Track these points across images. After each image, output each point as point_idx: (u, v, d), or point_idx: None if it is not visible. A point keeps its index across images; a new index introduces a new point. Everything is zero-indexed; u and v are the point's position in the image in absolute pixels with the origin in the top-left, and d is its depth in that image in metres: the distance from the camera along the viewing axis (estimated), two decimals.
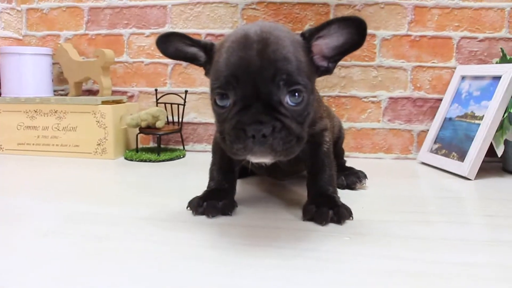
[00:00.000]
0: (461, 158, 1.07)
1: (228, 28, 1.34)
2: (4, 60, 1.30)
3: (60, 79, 1.45)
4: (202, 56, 0.68)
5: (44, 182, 0.95)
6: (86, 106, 1.22)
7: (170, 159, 1.23)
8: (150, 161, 1.20)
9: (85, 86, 1.43)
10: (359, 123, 1.32)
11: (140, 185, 0.95)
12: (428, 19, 1.27)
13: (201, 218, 0.70)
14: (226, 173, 0.77)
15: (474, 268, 0.52)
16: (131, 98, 1.42)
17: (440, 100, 1.27)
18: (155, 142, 1.41)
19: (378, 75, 1.30)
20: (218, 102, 0.60)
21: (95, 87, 1.44)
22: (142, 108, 1.40)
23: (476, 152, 1.02)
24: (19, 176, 1.03)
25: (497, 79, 1.08)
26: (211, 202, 0.71)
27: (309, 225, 0.67)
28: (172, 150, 1.31)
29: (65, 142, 1.25)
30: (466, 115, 1.14)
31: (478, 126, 1.06)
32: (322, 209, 0.67)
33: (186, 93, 1.33)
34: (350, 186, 0.91)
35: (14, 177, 1.01)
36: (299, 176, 0.97)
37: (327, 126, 0.77)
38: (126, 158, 1.23)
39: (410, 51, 1.28)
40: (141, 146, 1.36)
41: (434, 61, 1.28)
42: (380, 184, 0.96)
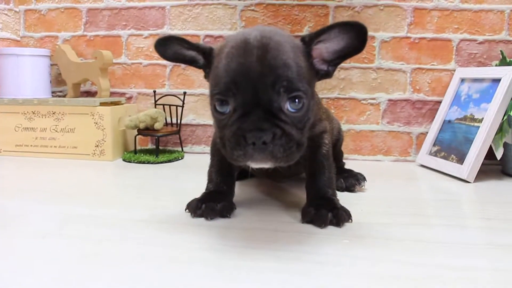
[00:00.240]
0: (460, 160, 1.07)
1: (226, 29, 1.34)
2: (2, 61, 1.30)
3: (58, 81, 1.44)
4: (200, 59, 0.68)
5: (42, 184, 0.94)
6: (84, 108, 1.22)
7: (169, 161, 1.22)
8: (149, 162, 1.19)
9: (83, 88, 1.43)
10: (358, 125, 1.32)
11: (138, 187, 0.94)
12: (427, 21, 1.27)
13: (199, 221, 0.69)
14: (224, 175, 0.77)
15: (473, 271, 0.52)
16: (130, 99, 1.41)
17: (439, 102, 1.27)
18: (154, 143, 1.40)
19: (377, 77, 1.30)
20: (218, 108, 0.59)
21: (94, 89, 1.43)
22: (140, 109, 1.40)
23: (475, 154, 1.02)
24: (17, 178, 1.02)
25: (496, 82, 1.08)
26: (210, 204, 0.70)
27: (308, 227, 0.67)
28: (170, 152, 1.30)
29: (63, 143, 1.24)
30: (465, 118, 1.13)
31: (477, 129, 1.06)
32: (321, 211, 0.67)
33: (185, 94, 1.32)
34: (349, 189, 0.91)
35: (12, 179, 1.01)
36: (298, 178, 0.97)
37: (326, 128, 0.77)
38: (125, 159, 1.23)
39: (410, 53, 1.28)
40: (139, 147, 1.35)
41: (434, 63, 1.28)
42: (379, 186, 0.96)
